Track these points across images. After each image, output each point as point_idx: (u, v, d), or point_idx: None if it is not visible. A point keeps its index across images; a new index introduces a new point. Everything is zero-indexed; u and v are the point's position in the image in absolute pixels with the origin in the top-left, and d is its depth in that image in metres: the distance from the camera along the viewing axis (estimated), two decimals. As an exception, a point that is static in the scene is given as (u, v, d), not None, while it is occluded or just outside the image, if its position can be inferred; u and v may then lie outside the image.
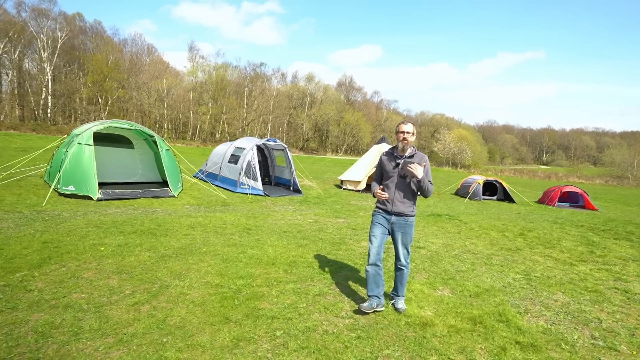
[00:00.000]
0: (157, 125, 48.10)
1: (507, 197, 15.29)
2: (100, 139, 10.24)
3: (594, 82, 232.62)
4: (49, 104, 39.32)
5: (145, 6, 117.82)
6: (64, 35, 40.51)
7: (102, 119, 41.43)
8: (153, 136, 9.91)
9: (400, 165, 3.08)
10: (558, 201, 14.18)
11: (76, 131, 9.38)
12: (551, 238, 7.11)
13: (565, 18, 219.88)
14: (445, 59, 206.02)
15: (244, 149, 11.82)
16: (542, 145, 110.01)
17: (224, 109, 50.75)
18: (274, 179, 14.15)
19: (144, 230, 5.68)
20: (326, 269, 4.43)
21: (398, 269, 3.28)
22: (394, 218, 3.13)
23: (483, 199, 14.95)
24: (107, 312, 2.92)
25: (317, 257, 4.92)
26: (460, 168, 51.16)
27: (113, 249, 4.59)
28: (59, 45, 39.85)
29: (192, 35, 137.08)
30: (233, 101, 52.35)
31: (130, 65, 46.42)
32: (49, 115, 39.38)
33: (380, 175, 3.30)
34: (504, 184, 15.42)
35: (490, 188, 15.90)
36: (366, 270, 3.21)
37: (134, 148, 10.99)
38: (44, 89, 39.47)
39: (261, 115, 54.83)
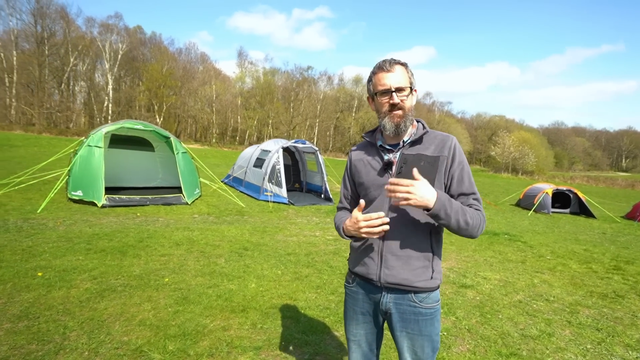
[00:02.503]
0: (207, 131, 49.69)
1: (583, 211, 12.65)
2: (119, 141, 9.74)
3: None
4: (110, 112, 42.01)
5: (202, 18, 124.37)
6: (124, 47, 43.19)
7: (156, 125, 43.65)
8: (169, 137, 9.17)
9: (395, 168, 1.41)
10: (655, 217, 11.34)
11: (92, 132, 8.91)
12: (664, 276, 5.03)
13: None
14: (505, 57, 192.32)
15: (270, 151, 10.75)
16: (621, 149, 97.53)
17: (271, 113, 51.00)
18: (306, 185, 12.95)
19: (117, 248, 4.70)
20: (318, 322, 3.04)
21: None
22: (387, 298, 1.43)
23: (552, 212, 12.49)
24: None
25: (314, 298, 3.53)
26: (522, 174, 46.36)
27: (52, 275, 3.59)
28: (119, 56, 42.52)
29: (245, 44, 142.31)
30: (280, 105, 52.50)
31: (184, 72, 48.37)
32: (109, 122, 42.11)
33: (352, 195, 1.62)
34: (580, 194, 12.79)
35: (560, 199, 13.32)
36: None
37: (154, 151, 10.39)
38: (106, 97, 42.30)
39: (307, 118, 54.41)
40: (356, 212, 1.33)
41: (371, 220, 1.28)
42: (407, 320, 1.41)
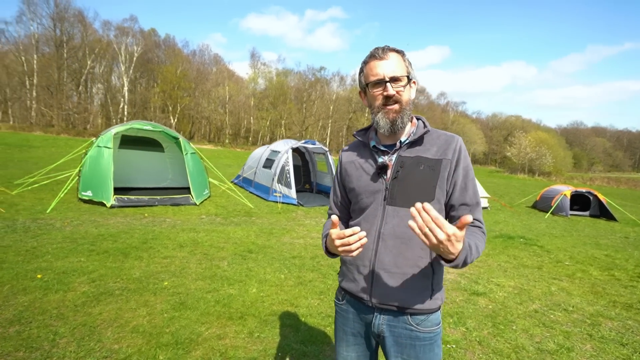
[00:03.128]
0: (221, 132, 50.12)
1: (604, 213, 12.14)
2: (130, 142, 9.80)
3: None
4: (125, 113, 42.78)
5: (216, 20, 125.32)
6: (139, 49, 43.93)
7: (171, 125, 44.22)
8: (178, 138, 9.17)
9: (390, 172, 1.25)
10: (681, 221, 10.79)
11: (102, 133, 8.98)
12: (694, 285, 4.69)
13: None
14: (522, 56, 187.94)
15: (279, 152, 10.67)
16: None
17: (283, 114, 51.15)
18: (316, 186, 12.82)
19: (120, 249, 4.64)
20: (319, 331, 2.89)
21: None
22: (380, 320, 1.27)
23: (571, 214, 12.03)
24: None
25: (317, 305, 3.38)
26: (539, 175, 45.18)
27: (51, 277, 3.54)
28: (134, 58, 43.27)
29: (258, 45, 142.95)
30: (292, 106, 52.61)
31: (198, 74, 48.90)
32: (124, 122, 42.86)
33: (342, 202, 1.43)
34: (600, 196, 12.29)
35: (579, 201, 12.82)
36: None
37: (164, 151, 10.42)
38: (122, 99, 43.09)
39: (320, 119, 54.37)
40: (331, 230, 1.15)
41: (345, 239, 1.09)
42: (403, 345, 1.24)
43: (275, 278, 4.02)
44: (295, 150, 12.13)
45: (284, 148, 10.66)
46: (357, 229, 1.10)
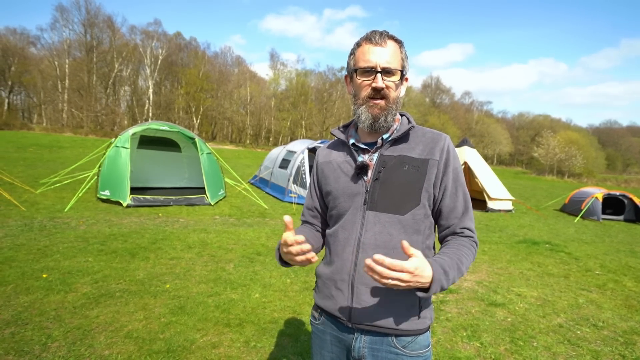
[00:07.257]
0: (242, 133, 50.77)
1: (639, 218, 11.40)
2: (149, 142, 9.95)
3: None
4: (150, 114, 44.01)
5: (235, 22, 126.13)
6: (164, 52, 45.11)
7: (193, 126, 45.10)
8: (194, 138, 9.22)
9: (371, 173, 1.10)
10: None
11: (120, 134, 9.14)
12: None
13: None
14: (550, 52, 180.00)
15: (295, 152, 10.58)
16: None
17: (304, 115, 51.26)
18: (332, 187, 12.64)
19: (129, 249, 4.63)
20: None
21: None
22: (361, 342, 1.10)
23: (603, 219, 11.33)
24: None
25: (321, 312, 3.22)
26: (568, 177, 43.26)
27: (55, 277, 3.53)
28: (159, 61, 44.46)
29: (277, 46, 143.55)
30: (313, 106, 52.65)
31: (220, 76, 49.72)
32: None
33: (318, 207, 1.27)
34: (635, 200, 11.54)
35: (613, 204, 12.08)
36: None
37: (181, 151, 10.52)
38: (147, 100, 44.36)
39: (341, 119, 54.13)
40: (286, 234, 1.00)
41: (290, 247, 0.99)
42: None
43: (280, 282, 3.88)
44: (312, 151, 12.00)
45: (299, 148, 10.57)
46: (301, 237, 0.98)
